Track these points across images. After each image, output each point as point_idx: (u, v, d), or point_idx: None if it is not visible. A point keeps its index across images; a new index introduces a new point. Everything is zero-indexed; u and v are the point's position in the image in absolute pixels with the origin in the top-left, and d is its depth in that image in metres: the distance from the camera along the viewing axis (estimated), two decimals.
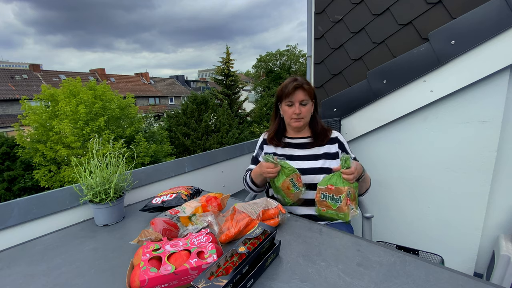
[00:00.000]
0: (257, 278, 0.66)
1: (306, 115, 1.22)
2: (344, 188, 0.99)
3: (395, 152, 1.64)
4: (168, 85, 32.05)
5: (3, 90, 18.43)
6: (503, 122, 1.34)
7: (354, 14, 1.79)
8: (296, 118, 1.21)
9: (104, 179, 1.02)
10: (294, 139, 1.30)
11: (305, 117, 1.22)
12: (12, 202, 0.99)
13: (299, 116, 1.20)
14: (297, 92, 1.18)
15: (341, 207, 1.00)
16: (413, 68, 1.44)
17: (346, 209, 0.99)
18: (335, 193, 1.01)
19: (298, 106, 1.19)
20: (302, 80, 1.20)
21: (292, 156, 1.26)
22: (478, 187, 1.44)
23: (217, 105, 14.23)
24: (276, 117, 1.33)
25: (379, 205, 1.75)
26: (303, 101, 1.19)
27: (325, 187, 1.03)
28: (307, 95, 1.19)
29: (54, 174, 9.05)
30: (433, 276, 0.65)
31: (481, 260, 1.54)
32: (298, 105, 1.19)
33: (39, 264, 0.80)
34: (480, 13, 1.26)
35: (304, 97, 1.19)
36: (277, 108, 1.30)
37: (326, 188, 1.03)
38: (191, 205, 0.98)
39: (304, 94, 1.19)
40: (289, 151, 1.28)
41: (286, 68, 26.41)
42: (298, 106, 1.19)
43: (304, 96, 1.19)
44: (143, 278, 0.60)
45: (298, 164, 1.21)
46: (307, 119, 1.25)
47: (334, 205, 1.01)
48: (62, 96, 9.15)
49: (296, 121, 1.22)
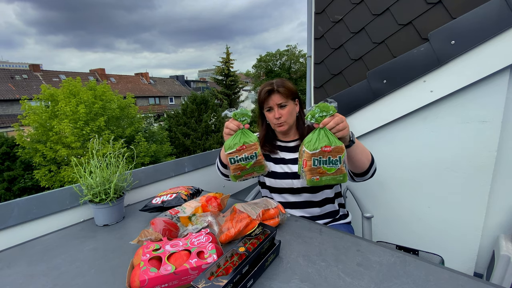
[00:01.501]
0: (257, 278, 0.66)
1: (287, 118, 1.15)
2: (342, 145, 0.84)
3: (395, 152, 1.64)
4: (168, 85, 32.06)
5: (3, 90, 18.43)
6: (503, 122, 1.34)
7: (354, 14, 1.79)
8: (278, 122, 1.15)
9: (104, 179, 1.02)
10: (284, 142, 1.26)
11: (287, 119, 1.15)
12: (12, 202, 0.99)
13: (280, 120, 1.15)
14: (273, 96, 1.13)
15: (340, 168, 0.85)
16: (413, 68, 1.44)
17: (343, 169, 0.86)
18: (332, 155, 0.84)
19: (277, 109, 1.14)
20: (278, 83, 1.14)
21: (284, 159, 1.21)
22: (478, 187, 1.44)
23: (217, 105, 14.24)
24: (262, 123, 1.28)
25: (379, 205, 1.75)
26: (281, 104, 1.13)
27: (318, 151, 0.83)
28: (283, 97, 1.13)
29: (54, 174, 9.06)
30: (433, 276, 0.65)
31: (481, 260, 1.54)
32: (277, 109, 1.14)
33: (39, 264, 0.80)
34: (480, 13, 1.26)
35: (280, 99, 1.13)
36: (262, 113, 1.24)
37: (320, 151, 0.83)
38: (191, 205, 0.98)
39: (280, 96, 1.13)
40: (282, 155, 1.23)
41: (286, 68, 26.42)
42: (277, 110, 1.14)
43: (281, 99, 1.13)
44: (143, 278, 0.60)
45: (290, 168, 1.18)
46: (290, 121, 1.17)
47: (331, 169, 0.85)
48: (62, 96, 9.16)
49: (279, 126, 1.16)
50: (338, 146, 0.84)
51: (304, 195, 1.18)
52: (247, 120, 0.96)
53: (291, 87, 1.16)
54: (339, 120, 0.85)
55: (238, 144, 0.92)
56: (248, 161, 0.93)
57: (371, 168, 1.04)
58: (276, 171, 1.20)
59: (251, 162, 0.94)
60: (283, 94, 1.12)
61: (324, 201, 1.19)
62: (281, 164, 1.20)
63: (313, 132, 0.87)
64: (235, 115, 0.96)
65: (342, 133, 0.86)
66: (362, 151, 1.02)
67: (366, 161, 1.02)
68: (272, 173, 1.21)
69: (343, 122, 0.86)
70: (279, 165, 1.20)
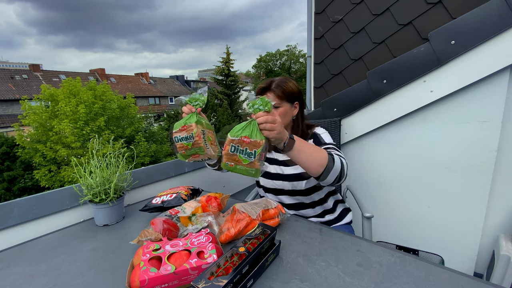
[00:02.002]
0: (257, 278, 0.66)
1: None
2: (261, 141, 0.83)
3: (395, 152, 1.64)
4: (168, 85, 32.06)
5: (3, 90, 18.44)
6: (503, 122, 1.34)
7: (354, 14, 1.79)
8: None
9: (104, 179, 1.02)
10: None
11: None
12: (12, 202, 0.99)
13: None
14: (266, 95, 1.11)
15: (253, 162, 0.84)
16: (413, 68, 1.44)
17: (258, 165, 0.85)
18: (249, 147, 0.83)
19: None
20: (277, 82, 1.11)
21: (277, 160, 1.20)
22: (478, 187, 1.44)
23: (217, 105, 14.24)
24: None
25: (379, 205, 1.75)
26: (275, 104, 1.08)
27: (238, 139, 0.83)
28: (277, 98, 1.09)
29: (54, 174, 9.06)
30: (433, 276, 0.65)
31: (481, 260, 1.54)
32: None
33: (39, 264, 0.80)
34: (480, 13, 1.26)
35: (273, 100, 1.07)
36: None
37: (239, 140, 0.83)
38: (191, 205, 0.98)
39: (274, 96, 1.09)
40: (275, 155, 1.22)
41: (286, 68, 26.43)
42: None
43: (274, 100, 1.08)
44: (143, 278, 0.60)
45: (282, 170, 1.17)
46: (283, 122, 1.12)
47: (246, 160, 0.85)
48: (62, 96, 9.16)
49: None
50: (256, 140, 0.83)
51: (295, 197, 1.17)
52: (199, 104, 0.97)
53: (291, 89, 1.11)
54: (269, 119, 0.82)
55: (180, 124, 0.94)
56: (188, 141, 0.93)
57: (326, 174, 0.90)
58: (270, 171, 1.20)
59: (190, 143, 0.93)
60: (277, 95, 1.09)
61: (315, 203, 1.18)
62: (275, 165, 1.20)
63: (246, 121, 0.87)
64: (189, 100, 0.97)
65: (267, 133, 0.83)
66: (308, 157, 0.90)
67: (316, 166, 0.90)
68: (266, 172, 1.19)
69: (274, 123, 0.83)
70: (273, 166, 1.20)
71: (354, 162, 1.79)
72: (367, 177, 1.76)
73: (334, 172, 0.91)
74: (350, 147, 1.78)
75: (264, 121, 0.82)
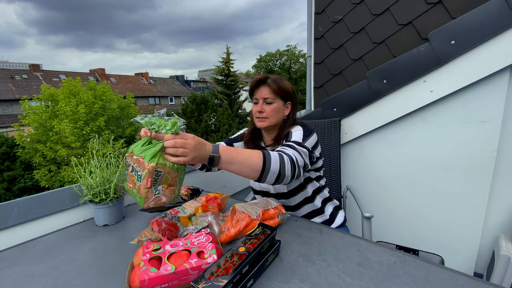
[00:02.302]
0: (257, 278, 0.66)
1: (270, 115, 1.07)
2: (149, 164, 0.70)
3: (395, 152, 1.64)
4: (168, 85, 32.06)
5: (3, 90, 18.44)
6: (503, 122, 1.34)
7: (354, 14, 1.79)
8: (259, 116, 1.08)
9: (104, 179, 1.02)
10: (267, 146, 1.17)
11: (270, 117, 1.07)
12: (12, 202, 0.99)
13: (261, 115, 1.07)
14: (261, 89, 1.08)
15: (139, 187, 0.73)
16: (413, 68, 1.44)
17: (143, 193, 0.72)
18: (141, 168, 0.72)
19: (262, 103, 1.07)
20: (273, 78, 1.08)
21: None
22: (478, 187, 1.44)
23: (217, 105, 14.23)
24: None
25: (379, 205, 1.75)
26: (267, 99, 1.06)
27: (136, 158, 0.73)
28: (271, 93, 1.06)
29: (54, 174, 9.06)
30: (433, 276, 0.65)
31: (481, 260, 1.54)
32: (261, 103, 1.07)
33: (39, 264, 0.80)
34: (480, 13, 1.26)
35: (268, 94, 1.06)
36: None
37: (136, 159, 0.73)
38: (191, 205, 0.98)
39: (268, 91, 1.06)
40: None
41: (286, 68, 26.43)
42: (261, 104, 1.07)
43: (268, 94, 1.06)
44: (143, 278, 0.60)
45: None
46: (273, 120, 1.08)
47: (137, 183, 0.74)
48: (62, 96, 9.17)
49: (259, 120, 1.09)
50: (144, 162, 0.71)
51: (280, 200, 1.15)
52: (154, 128, 0.78)
53: (286, 87, 1.08)
54: (179, 143, 0.70)
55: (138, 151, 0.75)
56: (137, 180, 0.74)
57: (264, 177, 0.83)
58: None
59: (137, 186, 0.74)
60: (272, 90, 1.06)
61: (299, 205, 1.15)
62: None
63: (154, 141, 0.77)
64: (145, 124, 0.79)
65: (176, 159, 0.72)
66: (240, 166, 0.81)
67: (251, 172, 0.82)
68: None
69: (185, 147, 0.71)
70: None
71: (354, 162, 1.79)
72: (367, 177, 1.76)
73: (271, 174, 0.83)
74: (350, 147, 1.78)
75: (171, 145, 0.70)
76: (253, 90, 1.11)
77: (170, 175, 0.75)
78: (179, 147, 0.71)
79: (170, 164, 0.74)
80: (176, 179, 0.77)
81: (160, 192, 0.73)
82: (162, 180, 0.73)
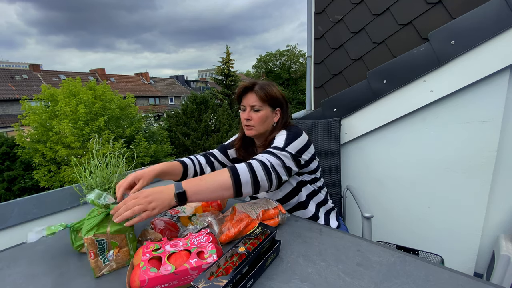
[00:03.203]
0: (257, 278, 0.66)
1: (257, 124, 1.04)
2: (86, 238, 0.71)
3: (395, 152, 1.64)
4: (168, 85, 32.07)
5: (3, 90, 18.44)
6: (503, 122, 1.34)
7: (354, 14, 1.79)
8: (247, 124, 1.05)
9: (104, 179, 1.02)
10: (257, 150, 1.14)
11: (257, 126, 1.04)
12: (12, 202, 0.99)
13: (249, 123, 1.05)
14: (248, 95, 1.04)
15: (89, 260, 0.72)
16: (413, 68, 1.44)
17: (92, 264, 0.71)
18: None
19: (249, 111, 1.04)
20: (260, 84, 1.04)
21: None
22: (478, 187, 1.44)
23: (217, 105, 14.24)
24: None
25: (379, 205, 1.75)
26: (255, 107, 1.03)
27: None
28: (259, 101, 1.03)
29: (54, 174, 9.06)
30: (433, 276, 0.65)
31: (481, 260, 1.54)
32: (249, 110, 1.04)
33: (39, 264, 0.80)
34: (480, 13, 1.27)
35: (255, 102, 1.03)
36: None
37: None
38: (191, 205, 0.98)
39: (255, 98, 1.03)
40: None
41: (286, 68, 26.44)
42: (248, 111, 1.04)
43: (255, 101, 1.03)
44: (143, 278, 0.60)
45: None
46: (261, 128, 1.05)
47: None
48: (62, 96, 9.16)
49: (247, 128, 1.06)
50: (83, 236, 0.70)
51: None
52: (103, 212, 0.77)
53: (274, 94, 1.04)
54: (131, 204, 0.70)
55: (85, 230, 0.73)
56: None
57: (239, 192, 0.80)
58: None
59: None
60: (259, 97, 1.03)
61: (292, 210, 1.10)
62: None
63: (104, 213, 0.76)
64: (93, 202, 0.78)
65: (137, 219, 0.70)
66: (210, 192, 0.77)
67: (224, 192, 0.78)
68: None
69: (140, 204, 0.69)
70: None
71: (354, 162, 1.79)
72: (367, 177, 1.76)
73: (245, 184, 0.79)
74: (350, 147, 1.78)
75: (124, 209, 0.69)
76: (240, 97, 1.08)
77: (116, 239, 0.75)
78: (132, 206, 0.69)
79: (111, 230, 0.74)
80: (125, 240, 0.77)
81: (111, 257, 0.74)
82: (109, 247, 0.74)
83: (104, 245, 0.73)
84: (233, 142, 1.22)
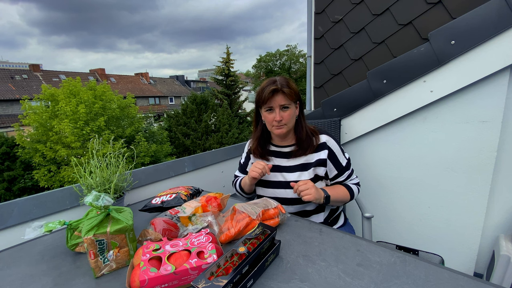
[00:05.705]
0: (257, 278, 0.66)
1: (288, 121, 1.07)
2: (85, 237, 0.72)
3: (395, 152, 1.64)
4: (168, 85, 32.07)
5: (3, 90, 18.44)
6: (503, 122, 1.34)
7: (354, 14, 1.79)
8: (277, 125, 1.07)
9: (104, 179, 1.02)
10: (280, 147, 1.17)
11: (288, 123, 1.08)
12: (12, 202, 0.99)
13: (280, 123, 1.06)
14: (276, 97, 1.04)
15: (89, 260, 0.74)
16: (413, 68, 1.44)
17: (91, 264, 0.73)
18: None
19: (279, 111, 1.05)
20: (282, 82, 1.05)
21: (278, 167, 1.13)
22: (478, 187, 1.44)
23: (217, 105, 14.23)
24: (257, 123, 1.18)
25: (379, 205, 1.75)
26: (284, 106, 1.05)
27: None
28: (288, 99, 1.04)
29: (54, 174, 9.05)
30: (433, 276, 0.64)
31: (481, 260, 1.54)
32: (278, 111, 1.05)
33: (39, 264, 0.80)
34: (480, 13, 1.26)
35: (284, 101, 1.04)
36: (258, 113, 1.15)
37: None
38: (191, 205, 0.98)
39: (284, 97, 1.04)
40: (277, 161, 1.15)
41: (286, 68, 26.42)
42: (278, 112, 1.05)
43: (285, 100, 1.04)
44: (143, 278, 0.60)
45: (284, 177, 1.11)
46: (291, 125, 1.10)
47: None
48: (62, 96, 9.15)
49: (278, 128, 1.08)
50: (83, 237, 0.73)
51: (296, 206, 1.12)
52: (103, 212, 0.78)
53: (295, 88, 1.08)
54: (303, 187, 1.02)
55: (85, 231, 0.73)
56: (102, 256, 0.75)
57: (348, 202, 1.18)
58: (269, 179, 1.14)
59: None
60: (287, 95, 1.04)
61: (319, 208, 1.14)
62: (276, 172, 1.13)
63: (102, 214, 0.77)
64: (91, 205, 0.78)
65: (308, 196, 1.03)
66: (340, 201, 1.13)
67: (340, 204, 1.17)
68: (264, 182, 1.15)
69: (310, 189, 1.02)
70: (273, 173, 1.13)
71: (354, 162, 1.79)
72: (367, 177, 1.76)
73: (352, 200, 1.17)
74: (350, 147, 1.78)
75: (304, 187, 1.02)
76: (266, 99, 1.05)
77: (116, 239, 0.76)
78: (305, 188, 0.99)
79: (111, 230, 0.75)
80: (125, 240, 0.78)
81: (111, 257, 0.75)
82: (109, 247, 0.75)
83: (104, 245, 0.74)
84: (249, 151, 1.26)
